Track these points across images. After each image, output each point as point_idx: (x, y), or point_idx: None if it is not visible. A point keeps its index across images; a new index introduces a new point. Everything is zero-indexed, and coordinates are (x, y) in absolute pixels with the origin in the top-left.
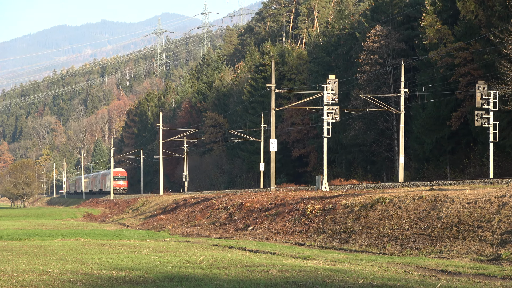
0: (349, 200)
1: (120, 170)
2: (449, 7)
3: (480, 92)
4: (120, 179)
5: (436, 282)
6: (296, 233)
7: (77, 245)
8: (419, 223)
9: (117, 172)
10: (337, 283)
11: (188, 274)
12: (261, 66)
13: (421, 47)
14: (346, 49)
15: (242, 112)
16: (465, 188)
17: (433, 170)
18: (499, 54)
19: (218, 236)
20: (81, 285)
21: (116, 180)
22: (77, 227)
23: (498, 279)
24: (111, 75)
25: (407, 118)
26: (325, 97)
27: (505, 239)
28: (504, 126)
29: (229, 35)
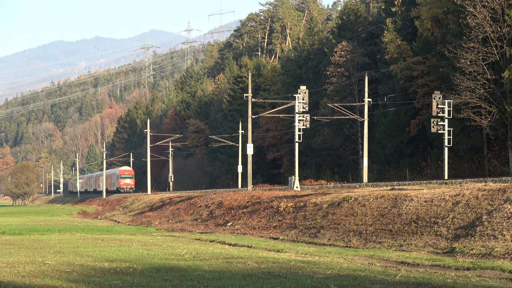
0: (318, 198)
1: (127, 169)
2: (408, 25)
3: (436, 101)
4: (127, 178)
5: (396, 273)
6: (270, 229)
7: (72, 239)
8: (381, 219)
9: (124, 171)
10: (308, 273)
11: (173, 265)
12: (239, 78)
13: (382, 61)
14: (315, 62)
15: (222, 119)
16: (423, 188)
17: (394, 171)
18: (453, 68)
19: (200, 231)
20: (76, 275)
21: (122, 178)
22: (73, 223)
23: (452, 270)
24: (104, 86)
25: (370, 125)
26: (297, 105)
27: (459, 234)
28: (457, 132)
29: (210, 50)
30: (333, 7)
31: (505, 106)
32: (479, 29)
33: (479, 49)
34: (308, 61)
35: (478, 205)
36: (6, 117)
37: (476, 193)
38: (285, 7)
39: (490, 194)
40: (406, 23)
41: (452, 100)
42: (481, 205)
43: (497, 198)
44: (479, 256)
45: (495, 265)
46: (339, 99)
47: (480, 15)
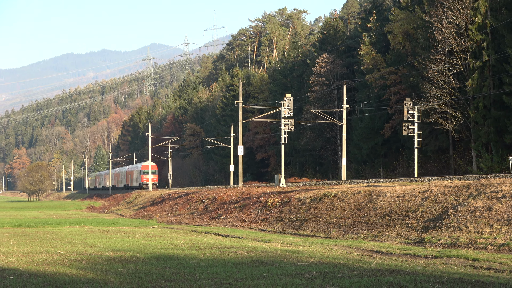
0: (302, 194)
1: (150, 163)
2: (382, 39)
3: (407, 107)
4: (150, 174)
5: (372, 261)
6: (259, 221)
7: (82, 231)
8: (358, 213)
9: (147, 166)
10: (292, 261)
11: (172, 254)
12: (230, 86)
13: (359, 71)
14: (299, 73)
15: (215, 124)
16: (395, 185)
17: (369, 170)
18: (422, 77)
19: (196, 224)
20: (85, 263)
21: (146, 174)
22: (82, 216)
23: (421, 258)
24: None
25: (348, 129)
26: (283, 111)
27: (427, 226)
28: (426, 135)
29: (205, 61)
30: (315, 23)
31: (468, 111)
32: (445, 42)
33: (445, 61)
34: (292, 71)
35: (444, 200)
36: (22, 122)
37: (443, 189)
38: (272, 23)
39: (455, 190)
40: (380, 38)
41: (421, 106)
42: (447, 200)
43: (461, 194)
44: (446, 246)
45: (460, 254)
46: (320, 106)
47: (446, 30)
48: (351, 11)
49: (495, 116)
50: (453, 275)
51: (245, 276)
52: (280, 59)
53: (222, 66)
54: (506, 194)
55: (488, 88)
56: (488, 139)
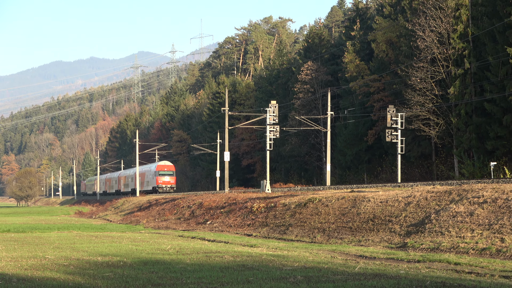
0: (287, 200)
1: (166, 164)
2: (365, 47)
3: (390, 114)
4: (166, 175)
5: (356, 265)
6: (245, 226)
7: (70, 236)
8: (342, 218)
9: (163, 166)
10: (278, 265)
11: (159, 259)
12: (217, 93)
13: (343, 79)
14: (284, 80)
15: (202, 130)
16: (379, 190)
17: (353, 176)
18: (405, 85)
19: (183, 229)
20: (73, 268)
21: (161, 176)
22: (70, 222)
23: (404, 262)
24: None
25: (332, 135)
26: (268, 118)
27: (410, 230)
28: (409, 141)
29: (192, 69)
30: (300, 31)
31: (450, 118)
32: (428, 50)
33: (428, 68)
34: (278, 79)
35: (427, 205)
36: (11, 129)
37: (425, 194)
38: (257, 31)
39: (437, 196)
40: (364, 46)
41: (404, 113)
42: (430, 205)
43: (443, 199)
44: (428, 250)
45: (442, 258)
46: (305, 112)
47: (429, 38)
48: (335, 20)
49: (477, 123)
50: (435, 279)
51: (231, 280)
52: (265, 67)
53: (208, 73)
54: (488, 199)
55: (469, 95)
56: (470, 145)
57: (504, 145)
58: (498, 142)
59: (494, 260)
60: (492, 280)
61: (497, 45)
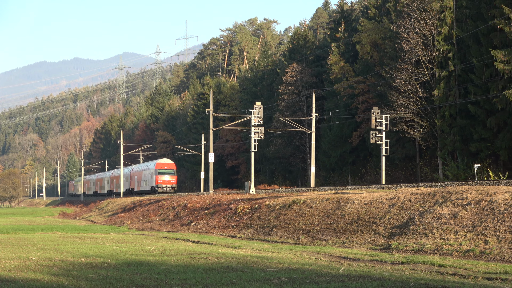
0: (271, 201)
1: (166, 162)
2: (350, 49)
3: (375, 116)
4: (167, 174)
5: (340, 266)
6: (229, 228)
7: (54, 238)
8: (326, 220)
9: (163, 164)
10: (262, 267)
11: (143, 260)
12: (202, 95)
13: (328, 81)
14: (269, 81)
15: (186, 131)
16: (363, 192)
17: (338, 177)
18: (389, 86)
19: (167, 230)
20: (57, 269)
21: (161, 175)
22: (54, 223)
23: (388, 264)
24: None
25: (317, 137)
26: (253, 119)
27: (394, 232)
28: (393, 143)
29: (177, 70)
30: (285, 33)
31: (435, 120)
32: (412, 53)
33: (412, 70)
34: (262, 80)
35: (411, 207)
36: None
37: (409, 196)
38: (242, 32)
39: (421, 198)
40: (349, 47)
41: (389, 115)
42: (414, 207)
43: (427, 201)
44: (412, 252)
45: (426, 259)
46: (289, 114)
47: (413, 40)
48: (320, 22)
49: (461, 125)
50: (419, 280)
51: (215, 282)
52: (250, 68)
53: (193, 74)
54: (471, 201)
55: (454, 97)
56: (454, 147)
57: (488, 147)
58: (482, 144)
59: (477, 262)
60: (475, 282)
61: (481, 48)
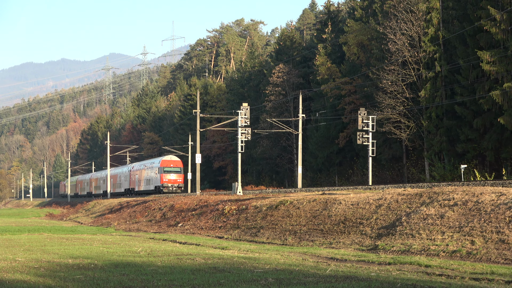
0: (259, 202)
1: (173, 159)
2: (337, 50)
3: (361, 117)
4: (173, 172)
5: (327, 267)
6: (216, 229)
7: (40, 239)
8: (313, 220)
9: (169, 162)
10: (249, 268)
11: (130, 261)
12: (188, 95)
13: (315, 81)
14: (256, 82)
15: (173, 132)
16: (350, 193)
17: (325, 178)
18: (376, 87)
19: (154, 231)
20: (43, 270)
21: (167, 173)
22: (41, 224)
23: (375, 265)
24: (69, 103)
25: (304, 138)
26: (240, 120)
27: (381, 233)
28: (380, 144)
29: (163, 71)
30: (272, 34)
31: (421, 121)
32: (399, 53)
33: (399, 71)
34: (249, 81)
35: (398, 207)
36: None
37: (396, 197)
38: (229, 33)
39: (408, 198)
40: (335, 48)
41: (376, 115)
42: (401, 208)
43: (414, 201)
44: (399, 252)
45: (413, 260)
46: (276, 115)
47: (400, 41)
48: (307, 23)
49: (447, 126)
50: (406, 281)
51: (202, 282)
52: (237, 69)
53: (180, 75)
54: (458, 202)
55: (440, 98)
56: (440, 148)
57: (475, 147)
58: (468, 145)
59: (464, 263)
60: (462, 283)
61: (467, 49)
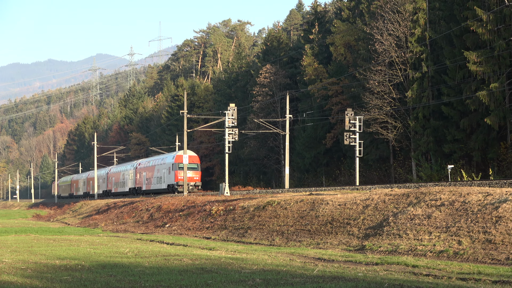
0: (246, 202)
1: (189, 154)
2: (324, 50)
3: (348, 117)
4: (189, 169)
5: (314, 268)
6: (203, 229)
7: (27, 240)
8: (301, 221)
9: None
10: (236, 268)
11: (117, 262)
12: (176, 96)
13: (302, 82)
14: (243, 83)
15: (160, 133)
16: (337, 193)
17: (312, 179)
18: (363, 88)
19: (141, 232)
20: (30, 272)
21: (181, 170)
22: (28, 225)
23: (363, 265)
24: (56, 103)
25: (291, 138)
26: (227, 121)
27: (368, 233)
28: (367, 144)
29: (150, 71)
30: (259, 34)
31: (408, 121)
32: (386, 54)
33: (386, 72)
34: (236, 81)
35: (385, 208)
36: None
37: (383, 197)
38: (216, 34)
39: (395, 199)
40: (322, 49)
41: (363, 116)
42: (388, 208)
43: (401, 202)
44: (386, 252)
45: (400, 260)
46: (264, 115)
47: (387, 42)
48: (294, 23)
49: (434, 126)
50: (393, 281)
51: (189, 283)
52: (224, 70)
53: (167, 76)
54: (445, 202)
55: (427, 98)
56: (427, 148)
57: (461, 148)
58: (455, 145)
59: (451, 263)
60: (449, 283)
61: (454, 49)
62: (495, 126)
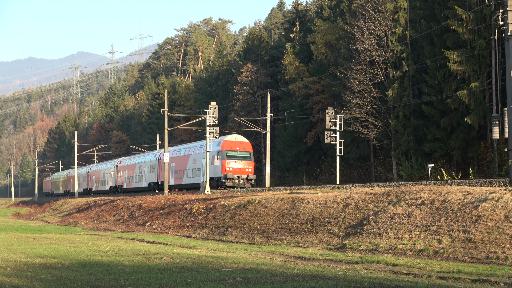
0: (227, 201)
1: (238, 140)
2: (305, 49)
3: (329, 116)
4: (239, 158)
5: (294, 266)
6: (184, 228)
7: (7, 238)
8: (281, 220)
9: (233, 144)
10: (217, 267)
11: (97, 261)
12: (156, 94)
13: (283, 81)
14: (224, 81)
15: (141, 131)
16: (318, 192)
17: (293, 177)
18: (344, 87)
19: (122, 230)
20: (10, 270)
21: (230, 159)
22: (7, 223)
23: (343, 263)
24: (36, 101)
25: (272, 137)
26: (208, 119)
27: (348, 232)
28: (348, 143)
29: (131, 70)
30: (240, 33)
31: (389, 120)
32: (367, 53)
33: (367, 71)
34: (217, 80)
35: (365, 206)
36: None
37: (364, 196)
38: (197, 32)
39: (376, 197)
40: (303, 48)
41: (343, 115)
42: (368, 207)
43: (382, 200)
44: (367, 251)
45: (380, 259)
46: (245, 114)
47: (368, 41)
48: (275, 22)
49: (415, 125)
50: (373, 280)
51: (169, 282)
52: (205, 68)
53: (148, 74)
54: (425, 201)
55: (407, 97)
56: (408, 147)
57: (442, 147)
58: (435, 144)
59: (431, 261)
60: (429, 281)
61: (434, 48)
62: (475, 125)
